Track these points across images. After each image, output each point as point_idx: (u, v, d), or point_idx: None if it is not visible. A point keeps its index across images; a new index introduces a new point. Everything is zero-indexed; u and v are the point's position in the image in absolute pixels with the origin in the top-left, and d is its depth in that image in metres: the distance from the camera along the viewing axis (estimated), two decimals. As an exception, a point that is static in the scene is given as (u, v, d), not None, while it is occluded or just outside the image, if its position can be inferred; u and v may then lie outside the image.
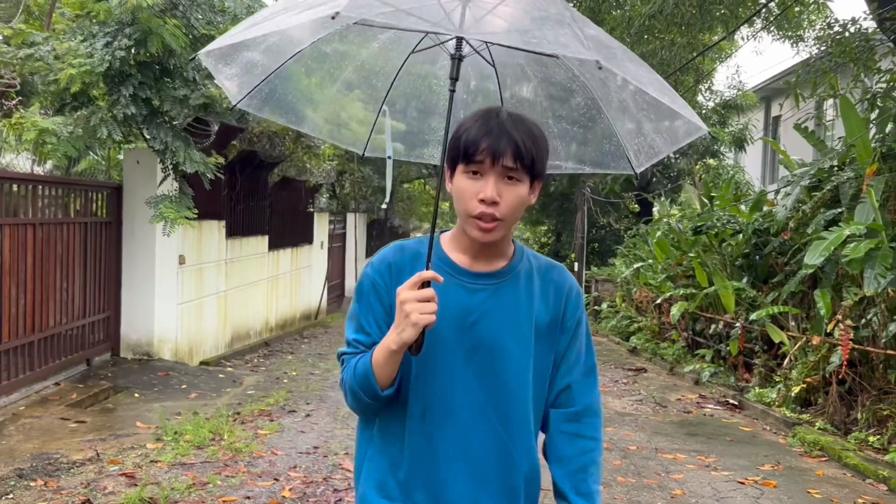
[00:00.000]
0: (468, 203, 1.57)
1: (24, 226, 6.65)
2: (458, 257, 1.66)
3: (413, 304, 1.47)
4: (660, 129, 1.98)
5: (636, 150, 2.00)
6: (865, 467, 5.60)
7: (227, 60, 2.03)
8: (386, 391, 1.57)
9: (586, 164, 2.17)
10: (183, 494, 4.28)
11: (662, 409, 7.86)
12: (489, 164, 1.54)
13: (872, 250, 6.69)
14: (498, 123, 1.56)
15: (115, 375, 7.79)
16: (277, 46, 1.99)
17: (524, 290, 1.66)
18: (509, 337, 1.63)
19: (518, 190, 1.57)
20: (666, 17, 7.97)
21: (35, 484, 4.53)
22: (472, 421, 1.62)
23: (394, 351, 1.51)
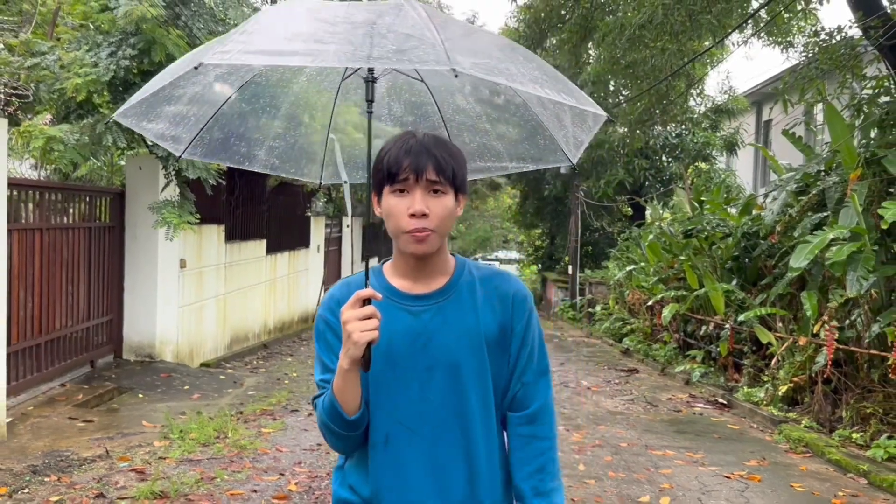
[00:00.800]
0: (399, 220, 1.61)
1: (31, 231, 6.82)
2: (399, 283, 1.70)
3: (354, 323, 1.50)
4: (575, 120, 2.06)
5: (566, 141, 2.06)
6: (847, 462, 5.82)
7: (149, 117, 2.04)
8: (353, 416, 1.60)
9: (528, 161, 2.22)
10: (192, 488, 4.46)
11: (653, 409, 8.08)
12: (413, 181, 1.60)
13: (855, 253, 6.91)
14: (417, 143, 1.63)
15: (119, 377, 7.97)
16: (202, 95, 2.03)
17: (468, 304, 1.69)
18: (462, 352, 1.66)
19: (444, 201, 1.63)
20: (656, 26, 8.18)
21: (49, 479, 4.71)
22: (437, 441, 1.65)
23: (346, 370, 1.54)
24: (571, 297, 20.20)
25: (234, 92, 2.05)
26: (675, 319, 11.58)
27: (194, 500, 4.29)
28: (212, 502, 4.27)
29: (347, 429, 1.61)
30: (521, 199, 26.17)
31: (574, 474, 5.23)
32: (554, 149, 2.08)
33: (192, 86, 1.98)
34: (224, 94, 2.05)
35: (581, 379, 9.92)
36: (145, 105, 1.98)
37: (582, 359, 12.14)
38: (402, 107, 2.27)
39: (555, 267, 24.13)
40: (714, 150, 19.69)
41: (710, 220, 11.01)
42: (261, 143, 2.24)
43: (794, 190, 9.10)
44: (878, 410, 6.84)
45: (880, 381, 6.95)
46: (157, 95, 1.92)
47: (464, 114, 2.20)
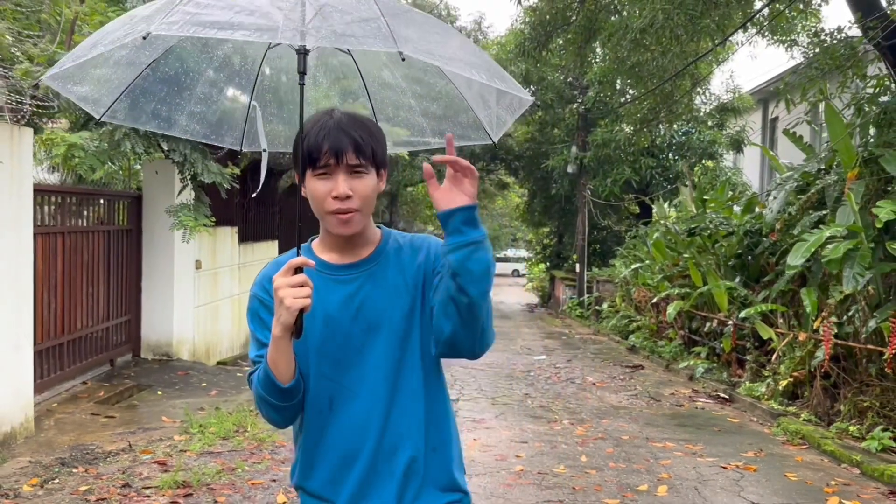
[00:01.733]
0: (323, 202, 1.65)
1: (53, 234, 7.09)
2: (328, 256, 1.75)
3: (286, 290, 1.53)
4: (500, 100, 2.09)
5: (488, 121, 2.10)
6: (842, 453, 6.01)
7: (76, 80, 2.04)
8: (287, 384, 1.62)
9: None
10: (213, 479, 4.72)
11: (656, 403, 8.29)
12: (335, 164, 1.64)
13: (851, 251, 7.09)
14: (335, 124, 1.66)
15: (138, 375, 8.24)
16: (128, 59, 2.02)
17: (395, 266, 1.75)
18: (394, 312, 1.71)
19: (366, 181, 1.67)
20: (657, 30, 8.38)
21: (77, 471, 4.97)
22: (377, 399, 1.69)
23: (278, 337, 1.57)
24: (579, 295, 20.39)
25: (159, 55, 2.02)
26: (680, 316, 11.77)
27: (216, 489, 4.55)
28: (233, 491, 4.53)
29: (282, 398, 1.63)
30: (529, 198, 26.35)
31: (576, 465, 5.46)
32: (477, 127, 2.12)
33: (118, 49, 1.94)
34: (149, 58, 2.02)
35: (587, 375, 10.13)
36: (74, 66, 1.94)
37: (588, 356, 12.34)
38: (327, 78, 2.31)
39: (563, 265, 24.31)
40: (720, 148, 19.82)
41: (713, 218, 11.19)
42: (182, 108, 2.21)
43: (794, 189, 9.29)
44: (874, 404, 7.01)
45: (877, 375, 7.12)
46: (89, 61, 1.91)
47: (389, 89, 2.23)
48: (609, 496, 4.76)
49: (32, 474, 4.90)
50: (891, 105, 8.52)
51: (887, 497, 5.04)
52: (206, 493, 4.48)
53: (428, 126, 2.23)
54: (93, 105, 2.08)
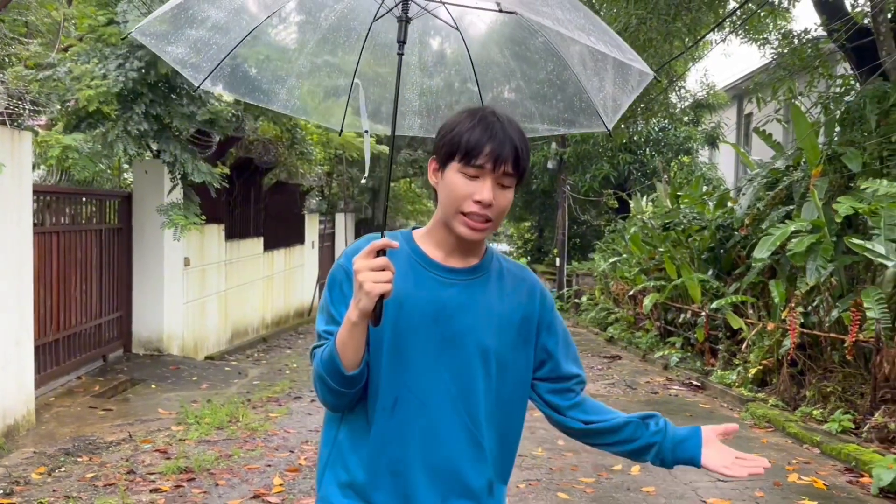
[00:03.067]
0: (462, 202, 1.56)
1: (49, 234, 7.30)
2: (432, 252, 1.65)
3: (366, 273, 1.43)
4: (616, 80, 1.95)
5: (603, 105, 1.95)
6: (804, 435, 6.40)
7: (170, 39, 1.91)
8: (352, 371, 1.53)
9: (560, 125, 2.12)
10: (213, 464, 4.99)
11: (632, 391, 8.65)
12: (490, 169, 1.55)
13: (814, 244, 7.48)
14: (501, 129, 1.57)
15: (131, 369, 8.47)
16: (227, 22, 1.91)
17: (496, 288, 1.67)
18: (483, 333, 1.62)
19: (509, 195, 1.60)
20: (631, 34, 8.72)
21: (81, 459, 5.22)
22: (443, 415, 1.60)
23: (354, 323, 1.48)
24: (559, 289, 20.77)
25: (261, 22, 1.93)
26: (656, 308, 12.16)
27: (216, 473, 4.83)
28: (232, 475, 4.81)
29: (343, 384, 1.54)
30: (510, 193, 26.69)
31: (554, 448, 5.79)
32: (590, 112, 1.97)
33: (216, 10, 1.87)
34: (250, 23, 1.92)
35: (566, 366, 10.48)
36: (167, 23, 1.86)
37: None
38: (432, 55, 2.16)
39: (543, 259, 24.69)
40: (696, 144, 20.28)
41: (687, 213, 11.59)
42: (283, 80, 2.09)
43: (763, 185, 9.68)
44: (837, 389, 7.41)
45: (840, 362, 7.51)
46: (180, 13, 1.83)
47: (498, 68, 2.08)
48: (585, 475, 5.10)
49: (39, 463, 5.14)
50: (853, 105, 8.92)
51: (843, 473, 5.42)
52: (207, 477, 4.76)
53: (537, 111, 2.10)
54: (191, 70, 1.98)
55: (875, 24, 9.27)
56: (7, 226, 5.72)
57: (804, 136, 8.78)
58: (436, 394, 1.59)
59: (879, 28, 9.18)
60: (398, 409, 1.59)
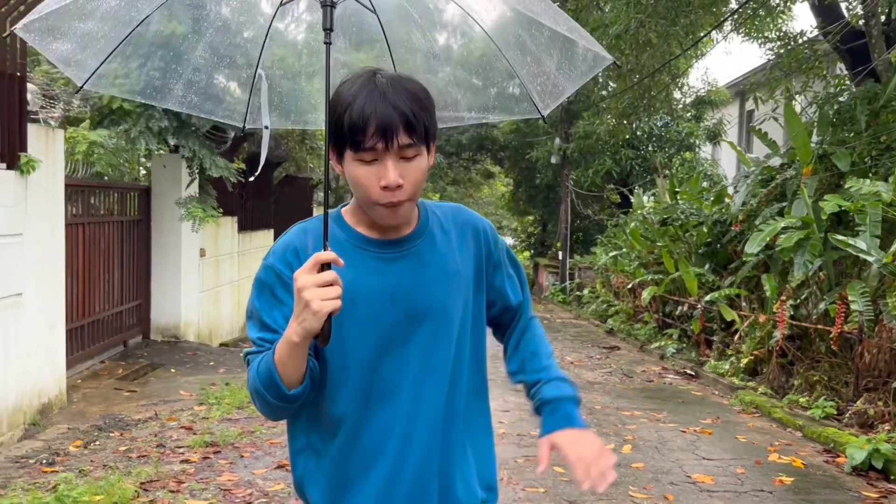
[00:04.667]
0: (370, 191, 1.41)
1: (76, 225, 7.70)
2: (366, 230, 1.51)
3: (312, 291, 1.28)
4: (562, 65, 1.80)
5: (540, 90, 1.82)
6: (788, 419, 6.78)
7: (56, 34, 1.74)
8: (293, 390, 1.39)
9: (490, 112, 1.98)
10: (236, 440, 5.40)
11: (628, 379, 9.05)
12: (383, 148, 1.37)
13: (802, 240, 7.85)
14: (380, 95, 1.37)
15: (150, 355, 8.89)
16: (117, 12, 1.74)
17: (444, 243, 1.56)
18: (445, 297, 1.52)
19: (418, 164, 1.42)
20: (631, 36, 9.07)
21: (113, 435, 5.64)
22: (420, 395, 1.50)
23: (296, 343, 1.33)
24: (561, 282, 21.16)
25: (154, 8, 1.74)
26: (655, 301, 12.55)
27: (240, 447, 5.24)
28: (256, 448, 5.22)
29: (283, 401, 1.41)
30: (514, 187, 27.07)
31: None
32: (523, 99, 1.85)
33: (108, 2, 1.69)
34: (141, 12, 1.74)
35: (566, 355, 10.88)
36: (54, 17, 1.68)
37: (568, 338, 13.10)
38: (347, 42, 1.99)
39: (546, 253, 25.06)
40: (697, 140, 20.61)
41: (684, 209, 11.96)
42: (179, 75, 1.91)
43: (758, 182, 10.04)
44: (823, 378, 7.78)
45: (826, 352, 7.89)
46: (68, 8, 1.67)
47: (419, 54, 1.93)
48: (580, 453, 5.49)
49: (74, 438, 5.56)
50: (844, 105, 9.27)
51: (821, 454, 5.80)
52: (232, 450, 5.17)
53: (462, 98, 1.97)
54: (75, 69, 1.81)
55: (867, 27, 9.62)
56: (42, 218, 6.12)
57: (797, 135, 9.13)
58: (408, 375, 1.49)
59: (871, 31, 9.53)
60: (373, 398, 1.48)
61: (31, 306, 5.94)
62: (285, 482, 4.49)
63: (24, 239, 5.83)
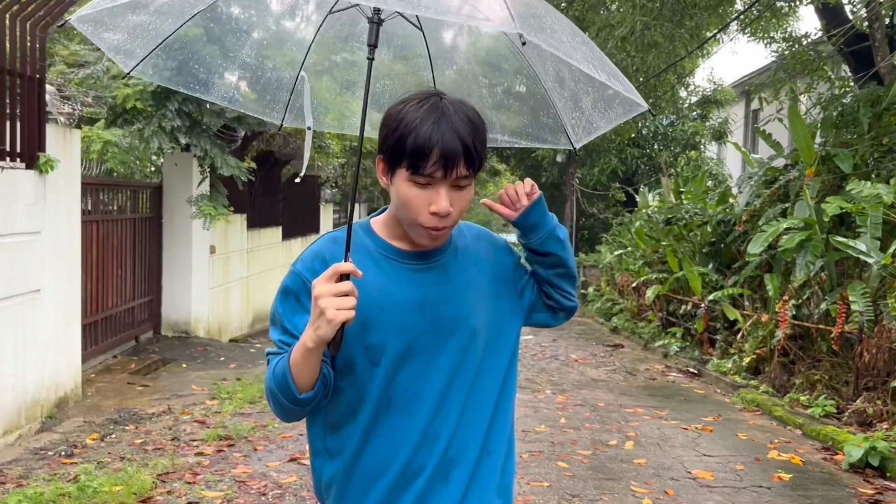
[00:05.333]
0: (418, 214, 1.45)
1: (90, 223, 7.86)
2: (396, 242, 1.56)
3: (328, 300, 1.33)
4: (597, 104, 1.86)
5: (574, 124, 1.88)
6: (788, 417, 6.90)
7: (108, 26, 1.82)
8: (304, 394, 1.43)
9: (522, 138, 2.02)
10: (249, 433, 5.55)
11: (632, 377, 9.18)
12: (441, 177, 1.42)
13: (804, 241, 7.96)
14: (448, 125, 1.41)
15: (162, 350, 9.05)
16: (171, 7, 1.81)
17: (472, 259, 1.62)
18: (471, 308, 1.56)
19: (467, 195, 1.48)
20: (635, 39, 9.18)
21: (129, 428, 5.79)
22: (439, 408, 1.52)
23: (310, 349, 1.37)
24: (567, 280, 21.24)
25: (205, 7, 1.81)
26: (659, 299, 12.65)
27: (253, 441, 5.39)
28: (268, 442, 5.37)
29: (295, 404, 1.46)
30: (520, 185, 27.15)
31: (556, 425, 6.32)
32: (557, 130, 1.89)
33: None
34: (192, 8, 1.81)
35: (570, 353, 11.02)
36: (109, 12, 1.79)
37: (573, 336, 13.23)
38: (391, 55, 2.04)
39: (552, 250, 25.16)
40: (703, 139, 20.69)
41: (689, 208, 12.06)
42: (222, 70, 2.00)
43: (762, 182, 10.14)
44: (824, 377, 7.90)
45: (827, 352, 8.00)
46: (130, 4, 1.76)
47: (460, 74, 1.99)
48: (583, 448, 5.63)
49: (91, 430, 5.72)
50: (847, 108, 9.36)
51: (819, 451, 5.93)
52: (245, 443, 5.32)
53: (497, 120, 2.01)
54: (123, 57, 1.88)
55: (871, 31, 9.70)
56: (60, 216, 6.28)
57: (800, 137, 9.23)
58: (432, 387, 1.52)
59: (875, 34, 9.62)
60: (393, 407, 1.52)
61: (49, 302, 6.10)
62: (298, 475, 4.64)
63: (43, 236, 5.99)
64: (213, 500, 4.15)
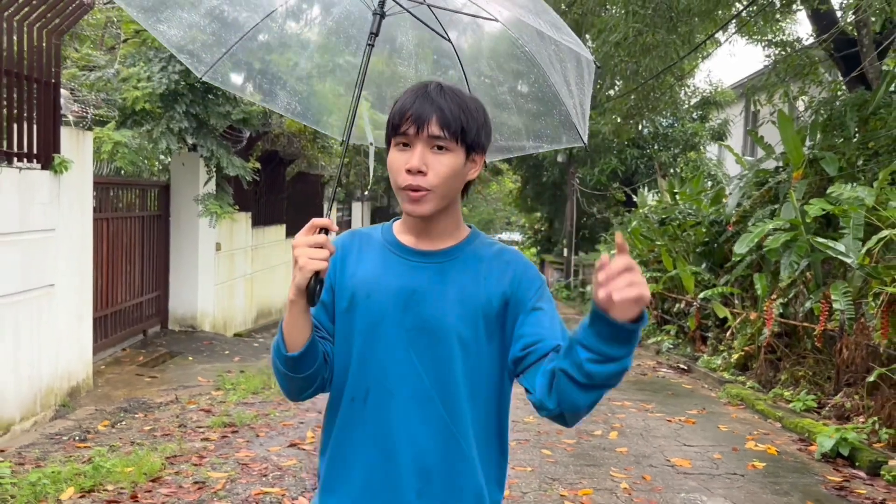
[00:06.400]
0: (398, 176, 1.51)
1: (101, 220, 8.17)
2: (404, 238, 1.61)
3: (303, 249, 1.40)
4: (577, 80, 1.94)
5: (576, 113, 1.93)
6: (769, 411, 7.18)
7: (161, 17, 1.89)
8: (292, 352, 1.49)
9: (544, 141, 2.09)
10: (252, 421, 5.86)
11: (623, 372, 9.46)
12: (414, 133, 1.48)
13: (789, 241, 8.23)
14: (425, 93, 1.51)
15: (169, 343, 9.37)
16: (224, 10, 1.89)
17: (472, 272, 1.57)
18: (455, 319, 1.53)
19: (447, 159, 1.49)
20: (629, 45, 9.45)
21: (138, 416, 6.10)
22: (415, 407, 1.52)
23: (291, 300, 1.45)
24: (566, 278, 21.56)
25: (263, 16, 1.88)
26: (654, 297, 12.93)
27: (256, 428, 5.70)
28: (270, 429, 5.68)
29: (287, 366, 1.51)
30: (522, 184, 27.47)
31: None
32: (569, 126, 1.97)
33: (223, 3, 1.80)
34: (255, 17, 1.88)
35: (566, 349, 11.29)
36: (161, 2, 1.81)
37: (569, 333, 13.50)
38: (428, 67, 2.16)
39: (553, 249, 25.47)
40: (702, 140, 20.94)
41: (683, 209, 12.34)
42: (284, 81, 2.05)
43: (753, 184, 10.41)
44: (807, 373, 8.17)
45: (811, 349, 8.28)
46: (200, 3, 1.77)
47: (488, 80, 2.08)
48: (567, 437, 5.92)
49: (102, 418, 6.03)
50: (835, 112, 9.62)
51: (795, 443, 6.21)
52: (248, 430, 5.63)
53: (523, 126, 2.07)
54: (192, 60, 1.97)
55: (859, 36, 9.96)
56: (73, 214, 6.59)
57: (789, 140, 9.49)
58: (406, 384, 1.53)
59: (863, 40, 9.87)
60: (369, 400, 1.54)
61: (62, 296, 6.41)
62: (297, 458, 4.95)
63: (57, 234, 6.30)
64: (218, 479, 4.45)
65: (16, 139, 5.76)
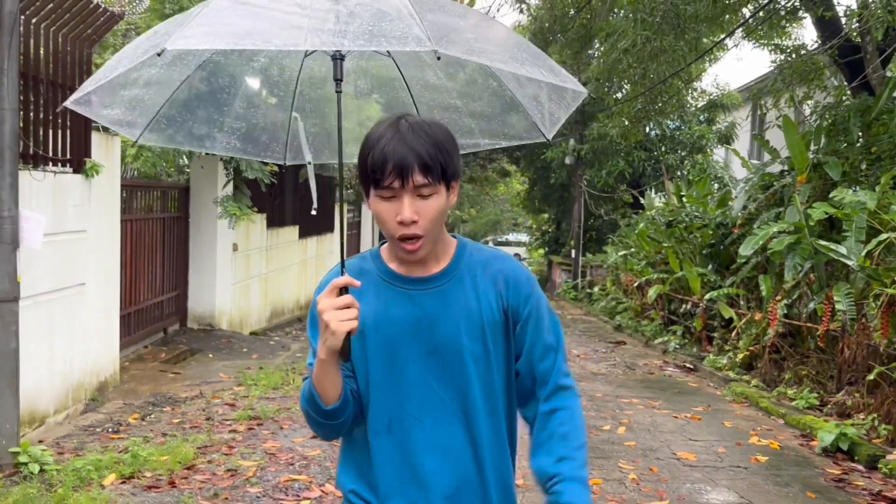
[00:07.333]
0: (389, 226, 1.56)
1: (125, 221, 8.44)
2: (396, 266, 1.65)
3: (331, 313, 1.46)
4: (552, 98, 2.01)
5: (540, 118, 2.01)
6: (772, 409, 7.41)
7: (104, 103, 1.98)
8: (331, 406, 1.56)
9: (501, 138, 2.16)
10: (275, 414, 6.13)
11: (630, 371, 9.70)
12: (399, 187, 1.52)
13: (793, 244, 8.45)
14: (399, 140, 1.51)
15: (189, 341, 9.65)
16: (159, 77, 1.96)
17: (471, 287, 1.64)
18: (463, 336, 1.60)
19: (434, 203, 1.55)
20: (637, 51, 9.69)
21: (166, 410, 6.38)
22: (438, 427, 1.60)
23: (323, 360, 1.51)
24: (574, 279, 21.78)
25: (191, 72, 1.98)
26: (661, 298, 13.17)
27: (279, 420, 5.97)
28: (293, 422, 5.94)
29: (325, 417, 1.58)
30: (530, 186, 27.67)
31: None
32: (529, 126, 2.03)
33: (147, 68, 1.90)
34: (181, 76, 1.98)
35: (573, 349, 11.54)
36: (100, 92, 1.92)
37: (577, 333, 13.76)
38: (368, 82, 2.22)
39: (560, 251, 25.67)
40: (709, 143, 21.13)
41: (689, 211, 12.57)
42: (220, 124, 2.15)
43: (758, 187, 10.64)
44: (811, 372, 8.39)
45: (815, 349, 8.50)
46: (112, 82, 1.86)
47: (434, 90, 2.13)
48: (578, 432, 6.16)
49: (131, 411, 6.31)
50: (839, 117, 9.83)
51: (797, 438, 6.44)
52: (272, 423, 5.90)
53: (477, 126, 2.15)
54: (127, 128, 2.07)
55: (863, 43, 10.17)
56: (102, 216, 6.87)
57: (793, 144, 9.72)
58: (427, 409, 1.60)
59: (867, 47, 10.09)
60: (393, 430, 1.61)
61: (92, 295, 6.69)
62: (321, 448, 5.21)
63: (88, 235, 6.58)
64: (249, 468, 4.72)
65: (50, 145, 6.04)
